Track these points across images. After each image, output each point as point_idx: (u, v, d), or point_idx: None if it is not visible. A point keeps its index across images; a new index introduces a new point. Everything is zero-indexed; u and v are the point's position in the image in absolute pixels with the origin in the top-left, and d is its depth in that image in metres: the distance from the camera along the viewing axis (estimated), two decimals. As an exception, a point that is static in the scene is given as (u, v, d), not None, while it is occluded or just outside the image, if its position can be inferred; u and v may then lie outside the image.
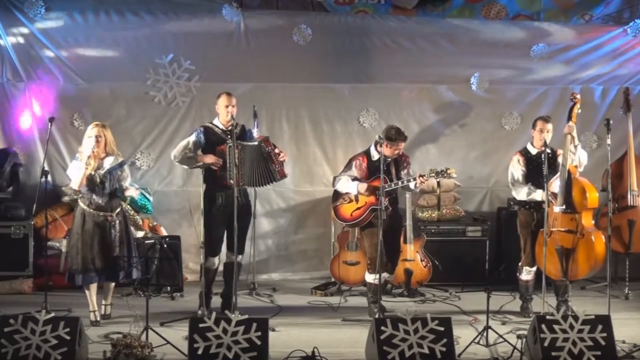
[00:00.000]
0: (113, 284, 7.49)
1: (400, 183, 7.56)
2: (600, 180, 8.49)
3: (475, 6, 9.42)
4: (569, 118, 7.57)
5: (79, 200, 7.32)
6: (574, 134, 7.52)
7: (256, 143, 7.46)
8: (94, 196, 7.22)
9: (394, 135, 7.53)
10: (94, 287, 7.31)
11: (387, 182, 7.49)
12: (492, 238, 9.06)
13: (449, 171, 7.47)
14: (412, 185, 7.59)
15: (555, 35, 9.35)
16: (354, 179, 7.68)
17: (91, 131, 7.24)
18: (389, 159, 7.60)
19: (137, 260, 7.39)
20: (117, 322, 7.28)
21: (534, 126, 7.70)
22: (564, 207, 7.41)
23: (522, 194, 7.62)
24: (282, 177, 7.55)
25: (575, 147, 7.51)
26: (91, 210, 7.22)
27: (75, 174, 7.21)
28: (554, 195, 7.44)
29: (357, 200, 7.68)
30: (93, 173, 7.17)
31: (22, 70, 8.96)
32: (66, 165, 8.71)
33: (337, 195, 7.83)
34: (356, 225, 7.86)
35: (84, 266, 7.19)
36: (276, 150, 7.45)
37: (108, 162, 7.27)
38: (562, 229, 7.42)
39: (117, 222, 7.28)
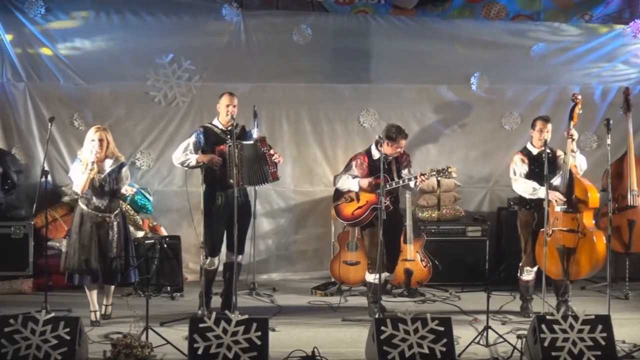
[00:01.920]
0: (113, 286, 7.48)
1: (400, 182, 7.56)
2: (600, 180, 8.48)
3: (475, 6, 9.42)
4: (570, 118, 7.55)
5: (79, 201, 7.31)
6: (575, 137, 7.50)
7: (252, 142, 7.47)
8: (94, 198, 7.21)
9: (394, 134, 7.53)
10: (94, 287, 7.31)
11: (388, 181, 7.50)
12: (492, 238, 9.05)
13: (449, 170, 7.48)
14: (412, 184, 7.59)
15: (555, 35, 9.36)
16: (355, 177, 7.68)
17: (94, 135, 7.19)
18: (390, 158, 7.60)
19: (135, 263, 7.38)
20: (117, 322, 7.27)
21: (533, 126, 7.68)
22: (565, 206, 7.41)
23: (524, 188, 7.57)
24: (275, 179, 7.54)
25: (574, 152, 7.49)
26: (89, 211, 7.21)
27: (79, 178, 7.19)
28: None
29: (358, 200, 7.67)
30: (94, 177, 7.17)
31: (22, 70, 8.96)
32: (66, 165, 8.72)
33: (338, 194, 7.83)
34: (357, 224, 7.85)
35: (80, 266, 7.19)
36: (271, 152, 7.45)
37: (108, 165, 7.26)
38: (564, 229, 7.42)
39: (115, 223, 7.26)
